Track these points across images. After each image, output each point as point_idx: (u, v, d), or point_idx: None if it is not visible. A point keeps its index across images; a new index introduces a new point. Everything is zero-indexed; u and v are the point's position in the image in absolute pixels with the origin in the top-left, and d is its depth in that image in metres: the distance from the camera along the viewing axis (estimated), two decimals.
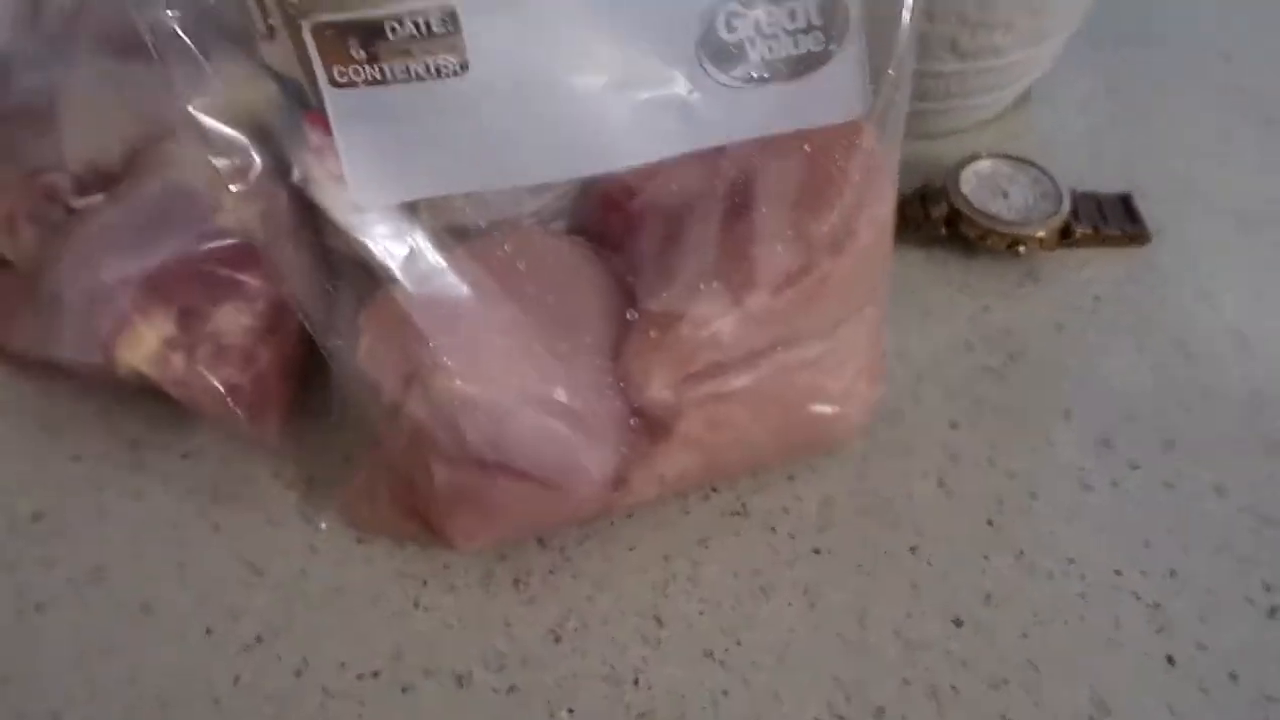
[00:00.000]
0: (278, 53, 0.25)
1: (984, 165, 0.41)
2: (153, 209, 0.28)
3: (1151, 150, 0.45)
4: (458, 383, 0.26)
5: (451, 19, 0.22)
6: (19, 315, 0.30)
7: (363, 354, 0.27)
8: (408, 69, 0.22)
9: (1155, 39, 0.51)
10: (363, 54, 0.22)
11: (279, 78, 0.26)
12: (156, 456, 0.33)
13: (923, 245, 0.40)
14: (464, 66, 0.22)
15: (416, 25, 0.22)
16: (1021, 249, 0.39)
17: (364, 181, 0.23)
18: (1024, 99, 0.47)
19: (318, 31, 0.22)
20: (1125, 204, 0.42)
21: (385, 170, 0.23)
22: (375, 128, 0.23)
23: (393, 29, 0.22)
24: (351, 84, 0.22)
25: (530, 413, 0.27)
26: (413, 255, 0.26)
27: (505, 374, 0.26)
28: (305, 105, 0.25)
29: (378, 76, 0.22)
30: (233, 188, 0.25)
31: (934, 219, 0.40)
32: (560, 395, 0.27)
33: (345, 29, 0.22)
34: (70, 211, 0.29)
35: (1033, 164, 0.41)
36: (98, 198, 0.29)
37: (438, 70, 0.22)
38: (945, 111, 0.43)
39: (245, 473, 0.33)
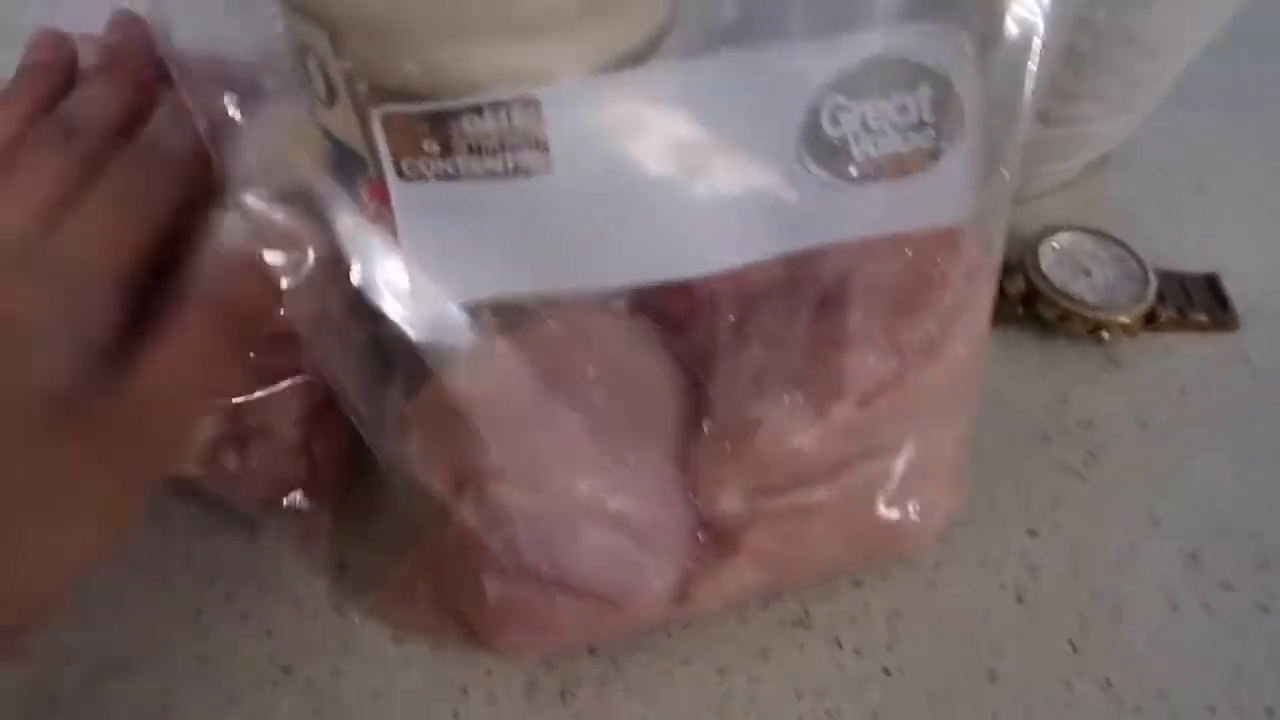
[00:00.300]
0: (338, 120, 0.23)
1: (1064, 239, 0.38)
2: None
3: (1239, 224, 0.43)
4: (515, 493, 0.24)
5: (535, 111, 0.19)
6: None
7: (413, 453, 0.25)
8: (484, 165, 0.20)
9: (1244, 102, 0.48)
10: (436, 147, 0.20)
11: (333, 138, 0.24)
12: (182, 533, 0.31)
13: (997, 324, 0.38)
14: (545, 163, 0.20)
15: (497, 118, 0.19)
16: (1105, 335, 0.36)
17: (428, 278, 0.21)
18: (1101, 162, 0.44)
19: (388, 122, 0.20)
20: (1212, 285, 0.39)
21: (452, 268, 0.21)
22: (444, 223, 0.21)
23: (471, 121, 0.19)
24: (421, 177, 0.20)
25: (591, 527, 0.24)
26: (467, 342, 0.24)
27: (566, 482, 0.24)
28: (363, 171, 0.23)
29: (451, 171, 0.20)
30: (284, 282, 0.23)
31: (1010, 297, 0.38)
32: (624, 506, 0.25)
33: (419, 120, 0.19)
34: None
35: (1116, 240, 0.39)
36: None
37: (517, 167, 0.20)
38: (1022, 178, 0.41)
39: (276, 555, 0.31)
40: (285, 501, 0.28)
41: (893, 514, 0.28)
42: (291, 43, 0.23)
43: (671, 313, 0.28)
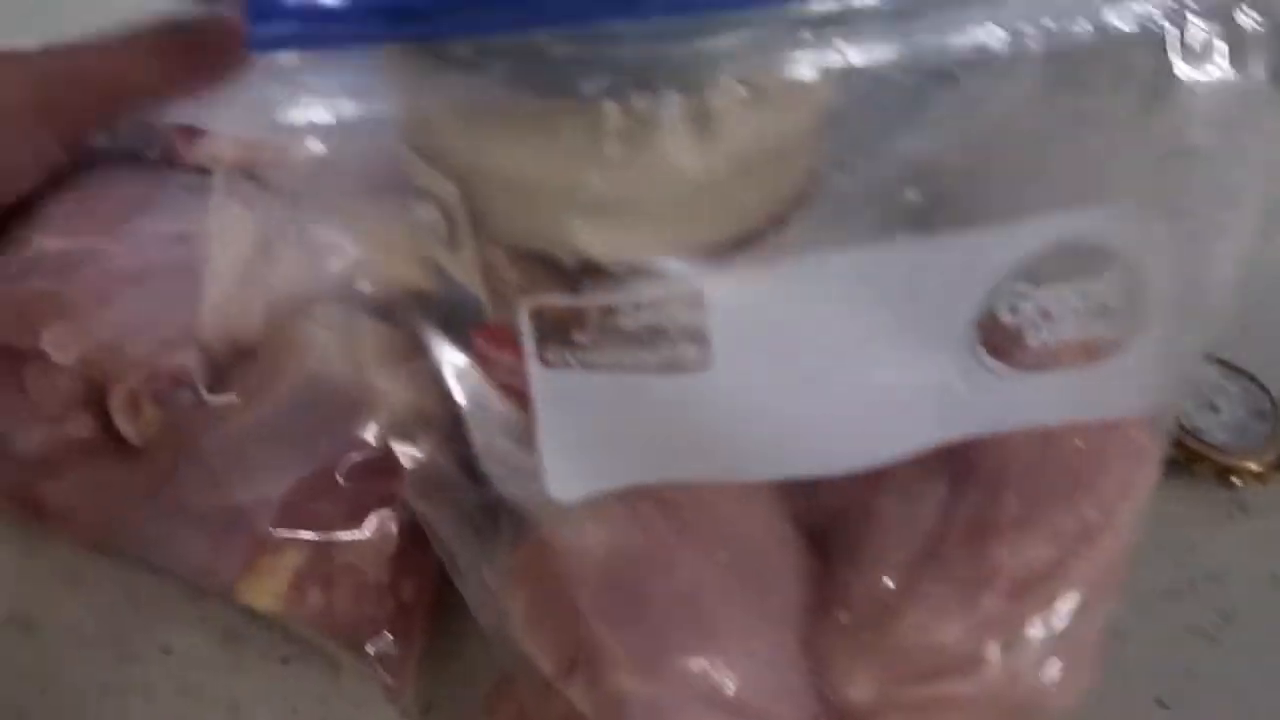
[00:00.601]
0: (455, 262, 0.21)
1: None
2: (291, 415, 0.25)
3: None
4: (631, 681, 0.22)
5: (699, 305, 0.18)
6: (129, 509, 0.26)
7: (518, 622, 0.23)
8: (638, 358, 0.18)
9: None
10: (586, 339, 0.18)
11: (443, 274, 0.22)
12: (255, 658, 0.29)
13: None
14: (706, 358, 0.18)
15: (657, 312, 0.18)
16: (1235, 480, 0.34)
17: (563, 468, 0.20)
18: None
19: (537, 312, 0.18)
20: None
21: (590, 458, 0.20)
22: (585, 412, 0.19)
23: (628, 315, 0.18)
24: (566, 365, 0.18)
25: (711, 714, 0.22)
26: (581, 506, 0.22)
27: (683, 666, 0.22)
28: (475, 314, 0.22)
29: (600, 363, 0.18)
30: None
31: None
32: (745, 693, 0.23)
33: (572, 314, 0.18)
34: (200, 401, 0.25)
35: (1245, 372, 0.36)
36: (230, 397, 0.25)
37: (674, 362, 0.18)
38: None
39: (355, 689, 0.29)
40: (369, 643, 0.27)
41: (1031, 696, 0.25)
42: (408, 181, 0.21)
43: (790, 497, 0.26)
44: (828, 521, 0.25)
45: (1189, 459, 0.34)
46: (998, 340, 0.20)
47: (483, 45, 0.16)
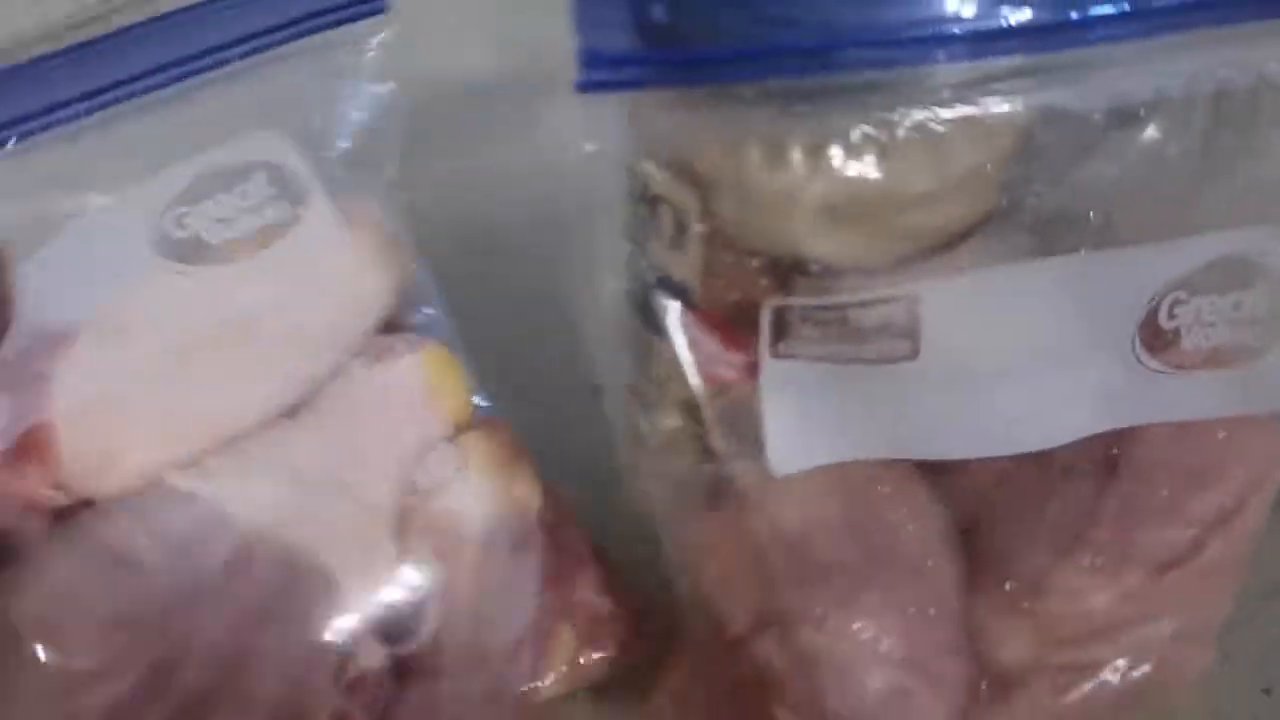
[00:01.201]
0: (675, 259, 0.24)
1: None
2: None
3: None
4: (824, 640, 0.25)
5: (913, 308, 0.21)
6: None
7: (713, 583, 0.26)
8: (858, 351, 0.21)
9: None
10: (815, 333, 0.21)
11: (655, 267, 0.25)
12: None
13: None
14: (913, 351, 0.21)
15: (881, 312, 0.21)
16: None
17: (783, 445, 0.23)
18: None
19: (777, 312, 0.21)
20: None
21: (807, 437, 0.23)
22: (805, 398, 0.22)
23: (856, 315, 0.21)
24: (792, 356, 0.22)
25: (891, 672, 0.25)
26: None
27: (867, 627, 0.25)
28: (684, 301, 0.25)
29: (822, 355, 0.21)
30: None
31: None
32: (917, 652, 0.26)
33: (807, 313, 0.21)
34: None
35: None
36: None
37: (887, 354, 0.21)
38: None
39: None
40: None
41: (1156, 673, 0.28)
42: (633, 185, 0.25)
43: (953, 477, 0.29)
44: (982, 507, 0.28)
45: None
46: (1157, 342, 0.23)
47: (760, 87, 0.19)
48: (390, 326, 0.29)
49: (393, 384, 0.27)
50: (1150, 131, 0.21)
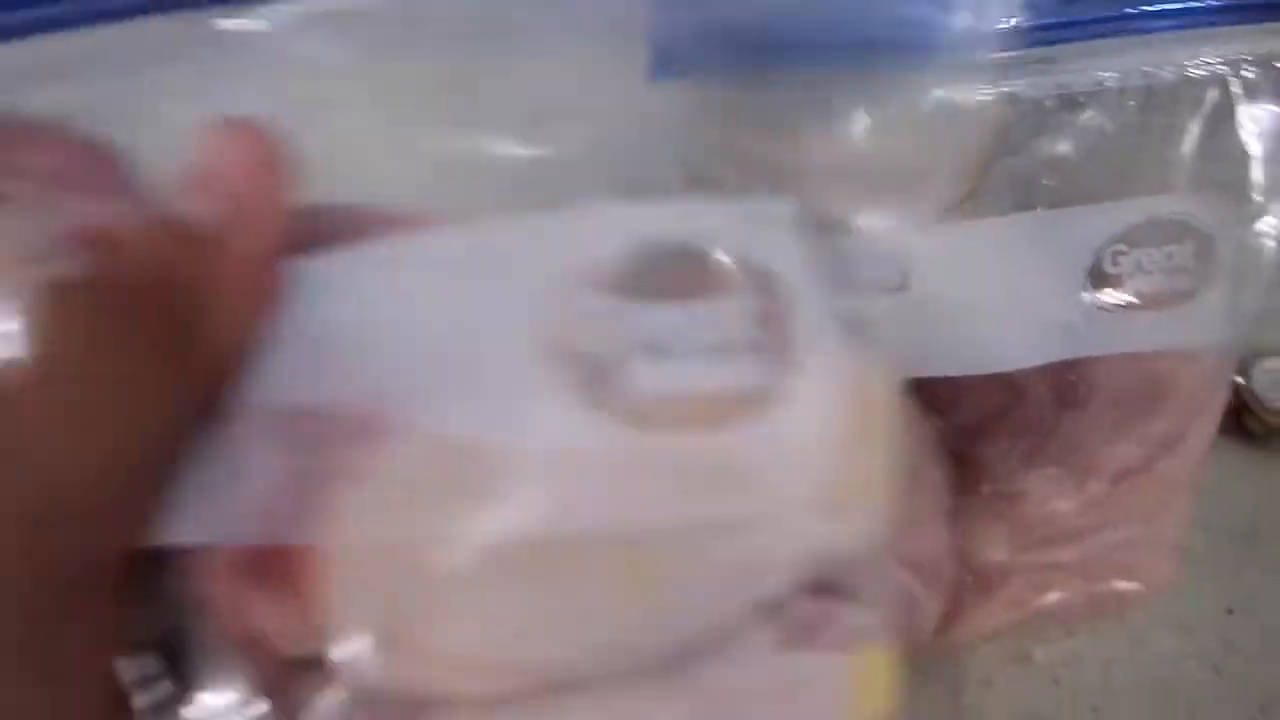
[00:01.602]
0: None
1: (1272, 363, 0.43)
2: None
3: None
4: None
5: (905, 250, 0.27)
6: None
7: None
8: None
9: None
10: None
11: None
12: None
13: None
14: (904, 284, 0.27)
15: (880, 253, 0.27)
16: None
17: None
18: None
19: None
20: None
21: None
22: None
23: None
24: None
25: (899, 574, 0.31)
26: None
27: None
28: None
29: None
30: None
31: None
32: (919, 553, 0.31)
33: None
34: None
35: None
36: None
37: (880, 285, 0.27)
38: None
39: None
40: None
41: (1120, 577, 0.33)
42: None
43: (939, 398, 0.35)
44: (968, 435, 0.34)
45: (1269, 432, 0.42)
46: (1102, 286, 0.29)
47: (780, 74, 0.26)
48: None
49: (803, 682, 0.19)
50: (1092, 114, 0.27)
